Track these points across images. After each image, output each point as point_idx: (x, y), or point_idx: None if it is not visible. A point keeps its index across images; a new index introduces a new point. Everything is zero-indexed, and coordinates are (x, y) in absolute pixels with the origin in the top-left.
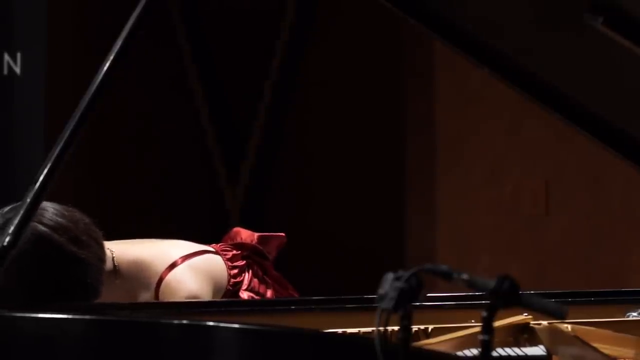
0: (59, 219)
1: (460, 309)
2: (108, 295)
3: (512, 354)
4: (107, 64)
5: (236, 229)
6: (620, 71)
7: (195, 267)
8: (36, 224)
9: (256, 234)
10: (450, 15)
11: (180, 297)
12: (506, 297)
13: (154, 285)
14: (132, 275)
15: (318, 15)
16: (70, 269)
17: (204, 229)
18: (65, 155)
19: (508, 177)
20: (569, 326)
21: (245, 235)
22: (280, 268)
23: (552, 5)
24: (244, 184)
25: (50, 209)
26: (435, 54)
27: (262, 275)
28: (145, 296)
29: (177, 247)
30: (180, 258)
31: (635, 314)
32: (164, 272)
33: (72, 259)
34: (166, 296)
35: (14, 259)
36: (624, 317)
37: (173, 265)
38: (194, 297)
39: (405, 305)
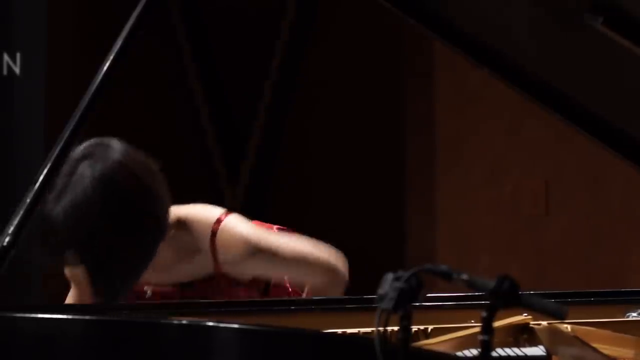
0: (135, 155)
1: (460, 309)
2: (160, 252)
3: (512, 354)
4: (107, 64)
5: (254, 221)
6: (620, 71)
7: (239, 216)
8: (116, 154)
9: (275, 226)
10: (450, 15)
11: (238, 241)
12: (506, 297)
13: (207, 239)
14: (183, 231)
15: (318, 15)
16: (147, 202)
17: None
18: (65, 155)
19: (508, 177)
20: (569, 326)
21: (265, 226)
22: None
23: (552, 5)
24: (244, 184)
25: (118, 144)
26: (435, 54)
27: None
28: (198, 254)
29: (214, 207)
30: (222, 214)
31: (635, 314)
32: (213, 226)
33: (149, 192)
34: (224, 244)
35: (98, 185)
36: (623, 318)
37: (219, 220)
38: (250, 241)
39: (405, 306)
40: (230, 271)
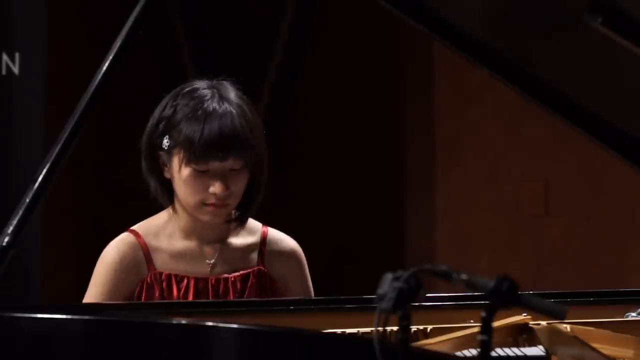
0: None
1: (460, 309)
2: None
3: (512, 354)
4: (106, 64)
5: None
6: (620, 71)
7: None
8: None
9: None
10: (450, 15)
11: (289, 239)
12: (505, 297)
13: (259, 228)
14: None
15: (317, 16)
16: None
17: None
18: (65, 155)
19: (508, 177)
20: (568, 326)
21: None
22: None
23: (552, 5)
24: None
25: None
26: (435, 54)
27: None
28: (249, 237)
29: None
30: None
31: (634, 314)
32: (263, 227)
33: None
34: (277, 235)
35: (249, 108)
36: (622, 318)
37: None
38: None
39: (404, 306)
40: (270, 265)
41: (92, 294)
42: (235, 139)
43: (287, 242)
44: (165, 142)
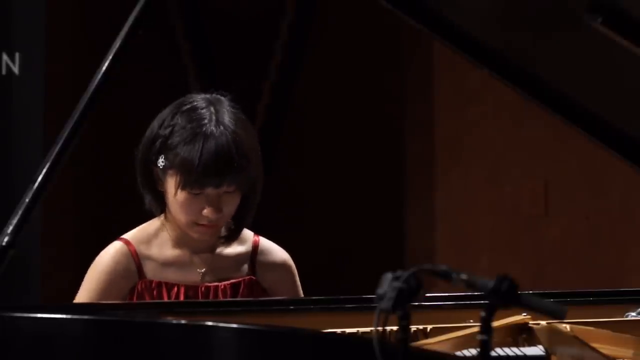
0: None
1: (459, 309)
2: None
3: (511, 354)
4: (106, 64)
5: None
6: (620, 71)
7: None
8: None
9: None
10: (450, 16)
11: (280, 249)
12: (505, 297)
13: (251, 238)
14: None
15: (317, 16)
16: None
17: None
18: (65, 155)
19: (508, 177)
20: (568, 326)
21: None
22: None
23: (552, 5)
24: None
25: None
26: (435, 54)
27: None
28: (240, 246)
29: None
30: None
31: (634, 314)
32: (254, 236)
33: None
34: (269, 246)
35: (246, 130)
36: (622, 317)
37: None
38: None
39: (404, 306)
40: (261, 275)
41: (82, 301)
42: (230, 166)
43: (278, 252)
44: (161, 161)
